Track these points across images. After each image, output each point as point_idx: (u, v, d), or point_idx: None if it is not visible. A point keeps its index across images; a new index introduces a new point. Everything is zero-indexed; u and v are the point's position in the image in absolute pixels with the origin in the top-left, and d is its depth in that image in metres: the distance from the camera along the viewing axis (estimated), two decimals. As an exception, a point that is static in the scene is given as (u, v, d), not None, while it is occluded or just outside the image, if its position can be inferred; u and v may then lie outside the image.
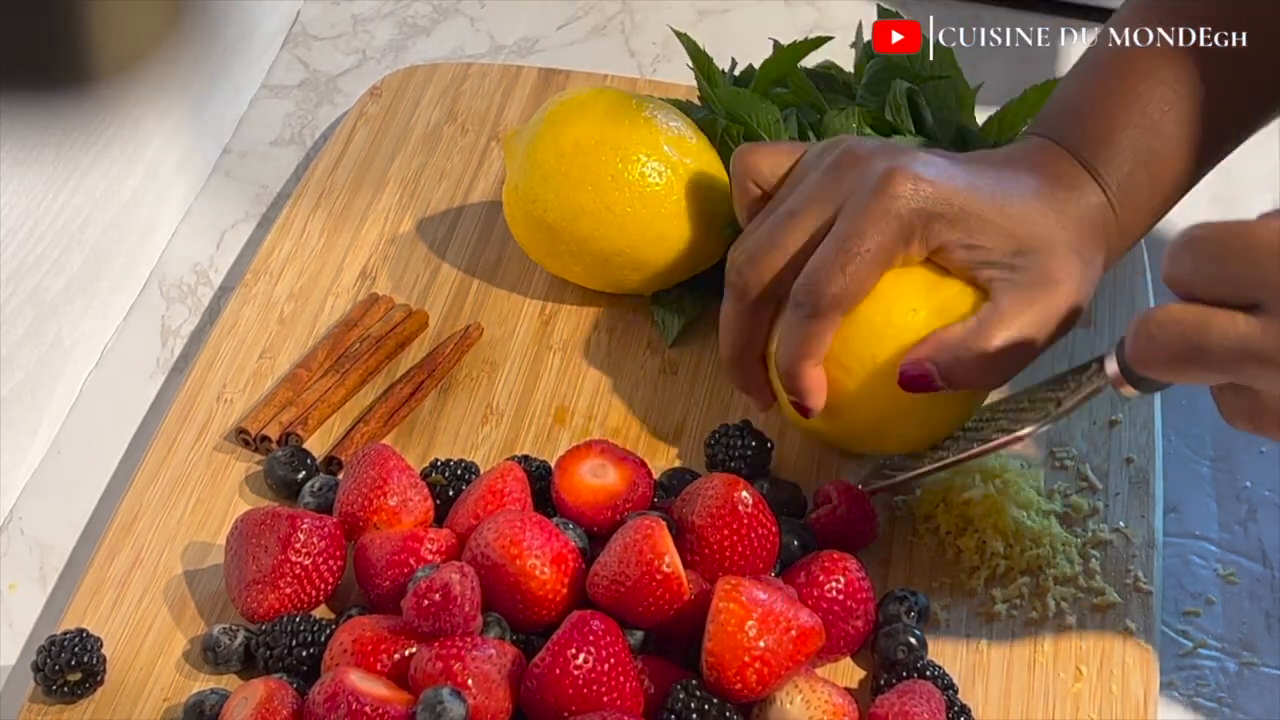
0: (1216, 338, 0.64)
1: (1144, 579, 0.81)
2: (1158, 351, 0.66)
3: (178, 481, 0.85)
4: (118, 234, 0.95)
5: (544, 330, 0.94)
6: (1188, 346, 0.65)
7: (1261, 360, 0.64)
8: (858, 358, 0.80)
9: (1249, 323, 0.64)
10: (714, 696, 0.72)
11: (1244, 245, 0.64)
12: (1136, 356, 0.67)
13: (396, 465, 0.81)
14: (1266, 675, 0.81)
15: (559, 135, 0.90)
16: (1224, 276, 0.64)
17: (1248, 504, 0.87)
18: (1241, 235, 0.64)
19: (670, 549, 0.74)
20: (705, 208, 0.91)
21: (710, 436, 0.86)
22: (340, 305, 0.94)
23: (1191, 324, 0.65)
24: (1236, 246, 0.64)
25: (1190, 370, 0.66)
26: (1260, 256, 0.63)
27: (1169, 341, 0.66)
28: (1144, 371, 0.68)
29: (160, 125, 0.99)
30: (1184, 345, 0.65)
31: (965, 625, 0.80)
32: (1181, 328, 0.65)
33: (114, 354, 0.95)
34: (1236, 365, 0.65)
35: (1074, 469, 0.86)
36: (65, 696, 0.76)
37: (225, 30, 1.07)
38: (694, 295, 0.93)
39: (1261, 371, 0.64)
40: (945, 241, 0.79)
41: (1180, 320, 0.65)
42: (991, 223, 0.79)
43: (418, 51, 1.15)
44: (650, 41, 1.15)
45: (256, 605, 0.78)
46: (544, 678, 0.71)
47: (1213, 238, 0.65)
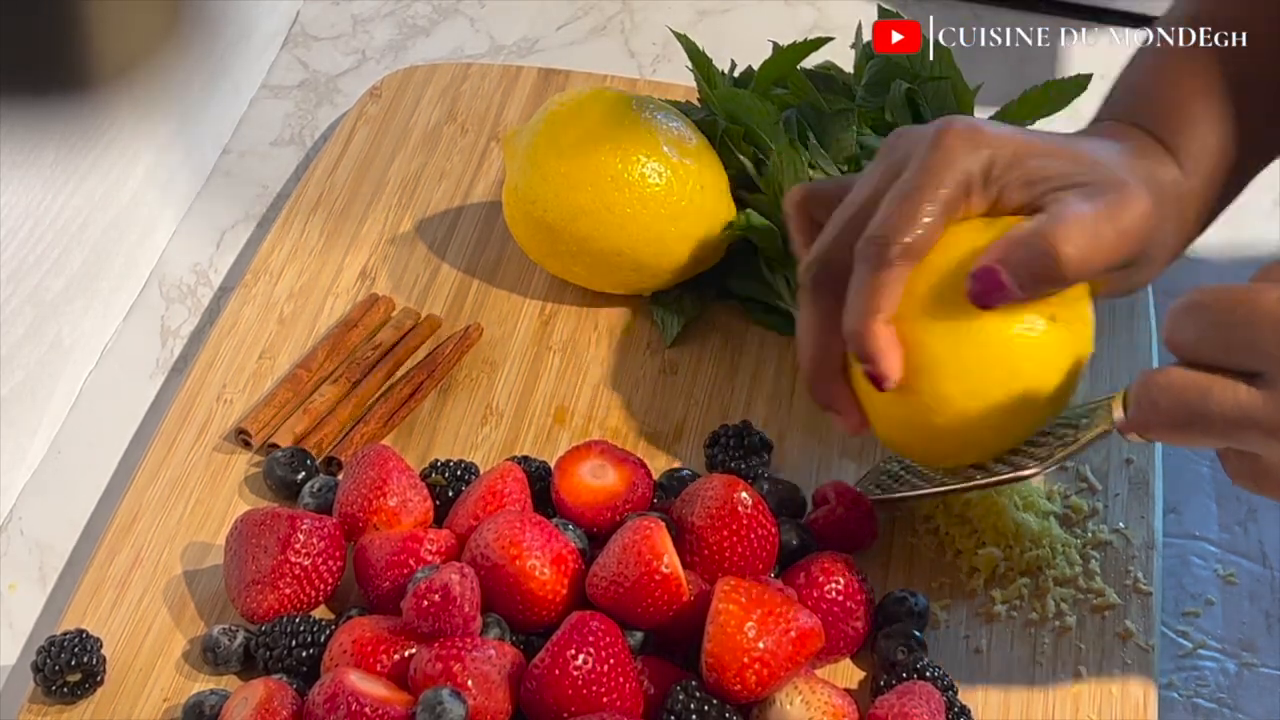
0: (1217, 407, 0.64)
1: (1144, 580, 0.81)
2: (1160, 416, 0.66)
3: (177, 481, 0.85)
4: (118, 234, 0.95)
5: (544, 330, 0.94)
6: (1189, 414, 0.65)
7: (1262, 430, 0.64)
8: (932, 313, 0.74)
9: (1250, 393, 0.63)
10: (713, 697, 0.72)
11: (1246, 314, 0.64)
12: (1139, 421, 0.67)
13: (396, 466, 0.81)
14: (1266, 675, 0.81)
15: (559, 135, 0.90)
16: (1226, 344, 0.64)
17: (1248, 504, 0.87)
18: (1244, 304, 0.64)
19: (669, 549, 0.74)
20: (705, 208, 0.91)
21: (710, 437, 0.86)
22: (340, 305, 0.94)
23: (1193, 392, 0.65)
24: (1240, 315, 0.64)
25: (1191, 436, 0.66)
26: (1262, 326, 0.63)
27: (1171, 408, 0.65)
28: (1145, 436, 0.68)
29: (160, 126, 0.99)
30: (1186, 412, 0.65)
31: (965, 625, 0.80)
32: (1184, 395, 0.65)
33: (114, 354, 0.95)
34: (1237, 433, 0.64)
35: (1074, 470, 0.86)
36: (65, 697, 0.76)
37: (225, 30, 1.07)
38: (694, 295, 0.93)
39: (1262, 441, 0.64)
40: (1006, 182, 0.75)
41: (1182, 388, 0.65)
42: (1051, 158, 0.75)
43: (418, 51, 1.15)
44: (650, 42, 1.15)
45: (256, 606, 0.78)
46: (544, 678, 0.71)
47: (1214, 304, 0.64)
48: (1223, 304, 0.64)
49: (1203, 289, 0.65)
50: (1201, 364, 0.65)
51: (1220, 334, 0.64)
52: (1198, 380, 0.65)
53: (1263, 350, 0.63)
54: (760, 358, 0.92)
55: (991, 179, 0.75)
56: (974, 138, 0.75)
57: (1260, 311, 0.63)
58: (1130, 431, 0.70)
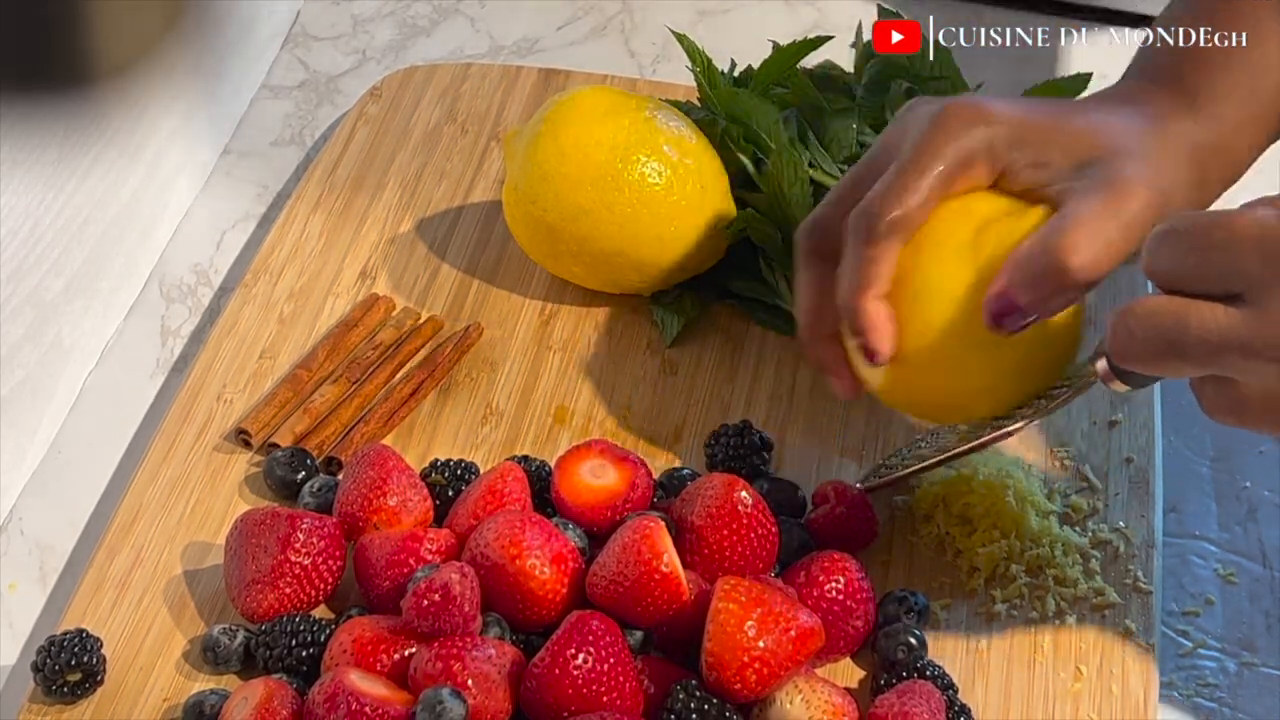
0: (1196, 330, 0.64)
1: (1144, 579, 0.81)
2: (1138, 345, 0.66)
3: (177, 481, 0.85)
4: (118, 234, 0.95)
5: (544, 330, 0.94)
6: (1168, 339, 0.64)
7: (1243, 351, 0.63)
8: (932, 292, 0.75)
9: (1229, 314, 0.63)
10: (714, 696, 0.72)
11: (1223, 236, 0.63)
12: (1117, 350, 0.67)
13: (396, 465, 0.81)
14: (1266, 675, 0.81)
15: (559, 135, 0.90)
16: (1204, 268, 0.64)
17: (1248, 504, 0.87)
18: (1221, 226, 0.64)
19: (669, 549, 0.74)
20: (705, 208, 0.91)
21: (710, 436, 0.86)
22: (340, 305, 0.94)
23: (1171, 316, 0.64)
24: (1216, 238, 0.64)
25: (1171, 363, 0.65)
26: (1240, 247, 0.63)
27: (1149, 335, 0.65)
28: (1125, 365, 0.68)
29: (160, 125, 0.99)
30: (1164, 338, 0.65)
31: (965, 625, 0.80)
32: (1161, 320, 0.64)
33: (114, 354, 0.95)
34: (1217, 357, 0.64)
35: (1074, 469, 0.86)
36: (65, 696, 0.76)
37: (225, 30, 1.07)
38: (694, 295, 0.93)
39: (1243, 363, 0.64)
40: (1008, 163, 0.75)
41: (1159, 313, 0.65)
42: (1054, 138, 0.75)
43: (418, 52, 1.15)
44: (650, 41, 1.15)
45: (256, 605, 0.78)
46: (544, 678, 0.71)
47: (1191, 229, 0.64)
48: (1199, 228, 0.64)
49: (1178, 215, 0.65)
50: (1180, 290, 0.64)
51: (1197, 258, 0.64)
52: (1174, 305, 0.64)
53: (1240, 270, 0.63)
54: (760, 358, 0.92)
55: (994, 155, 0.75)
56: (976, 114, 0.75)
57: (1236, 232, 0.63)
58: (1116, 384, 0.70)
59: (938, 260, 0.75)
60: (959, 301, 0.74)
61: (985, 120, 0.75)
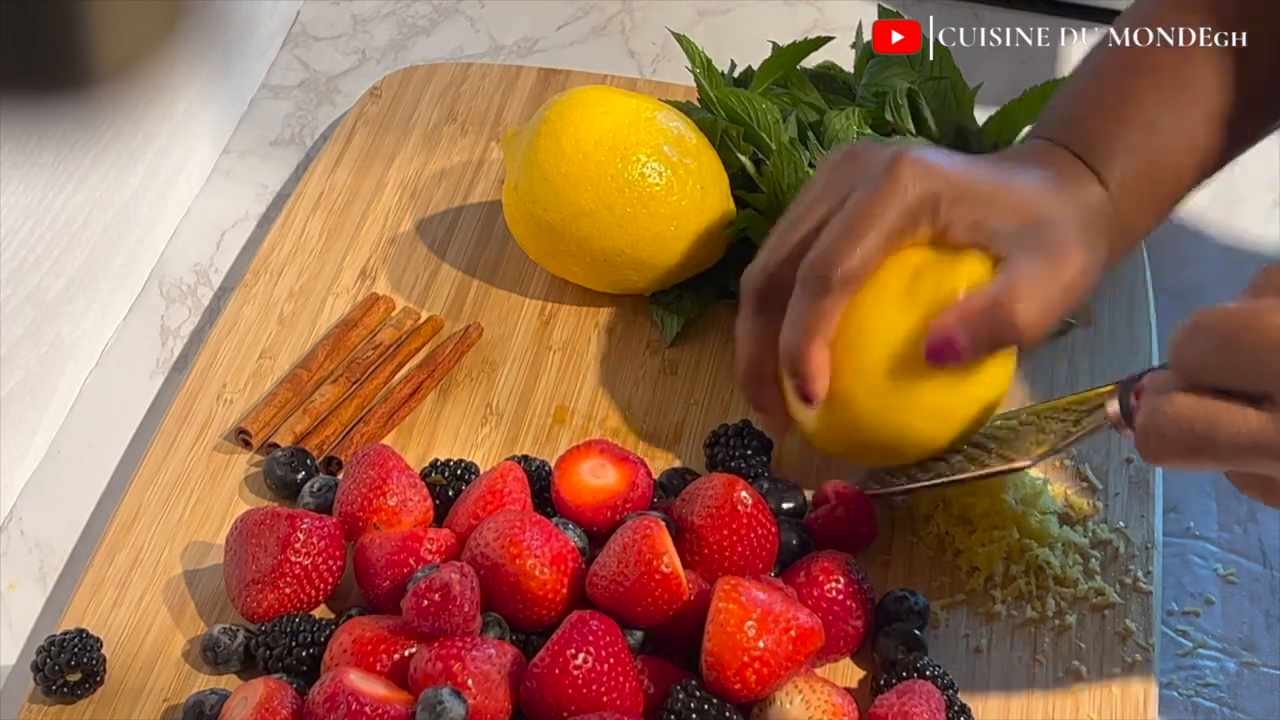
0: (1226, 434, 0.63)
1: (1144, 579, 0.81)
2: (1169, 446, 0.65)
3: (177, 481, 0.85)
4: (118, 234, 0.95)
5: (544, 330, 0.94)
6: (1198, 443, 0.64)
7: (1273, 455, 0.63)
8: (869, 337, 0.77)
9: (1260, 418, 0.63)
10: (714, 697, 0.72)
11: (1252, 337, 0.63)
12: (1147, 450, 0.66)
13: (396, 465, 0.81)
14: (1266, 675, 0.81)
15: (559, 135, 0.90)
16: (1232, 366, 0.63)
17: (1248, 504, 0.87)
18: (1249, 326, 0.63)
19: (669, 549, 0.74)
20: (705, 208, 0.91)
21: (710, 436, 0.86)
22: (340, 305, 0.94)
23: (1201, 421, 0.64)
24: (1245, 338, 0.63)
25: (1200, 463, 0.65)
26: (1269, 349, 0.62)
27: (1179, 438, 0.65)
28: (1154, 464, 0.68)
29: (160, 125, 0.99)
30: (1194, 442, 0.64)
31: (965, 625, 0.80)
32: (1191, 424, 0.64)
33: (114, 354, 0.95)
34: (1247, 459, 0.64)
35: (1074, 469, 0.86)
36: (65, 696, 0.76)
37: (225, 30, 1.07)
38: (694, 295, 0.93)
39: (1272, 464, 0.63)
40: (951, 219, 0.77)
41: (1190, 418, 0.64)
42: (997, 201, 0.78)
43: (418, 51, 1.15)
44: (650, 41, 1.15)
45: (256, 605, 0.78)
46: (544, 678, 0.71)
47: (1220, 326, 0.64)
48: (1227, 326, 0.64)
49: (1206, 310, 0.64)
50: (1207, 386, 0.64)
51: (1225, 357, 0.63)
52: (1205, 408, 0.64)
53: (1269, 372, 0.62)
54: (760, 357, 0.92)
55: (940, 214, 0.77)
56: (923, 172, 0.77)
57: (1266, 333, 0.62)
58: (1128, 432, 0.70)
59: (875, 308, 0.77)
60: (894, 346, 0.77)
61: (931, 178, 0.77)
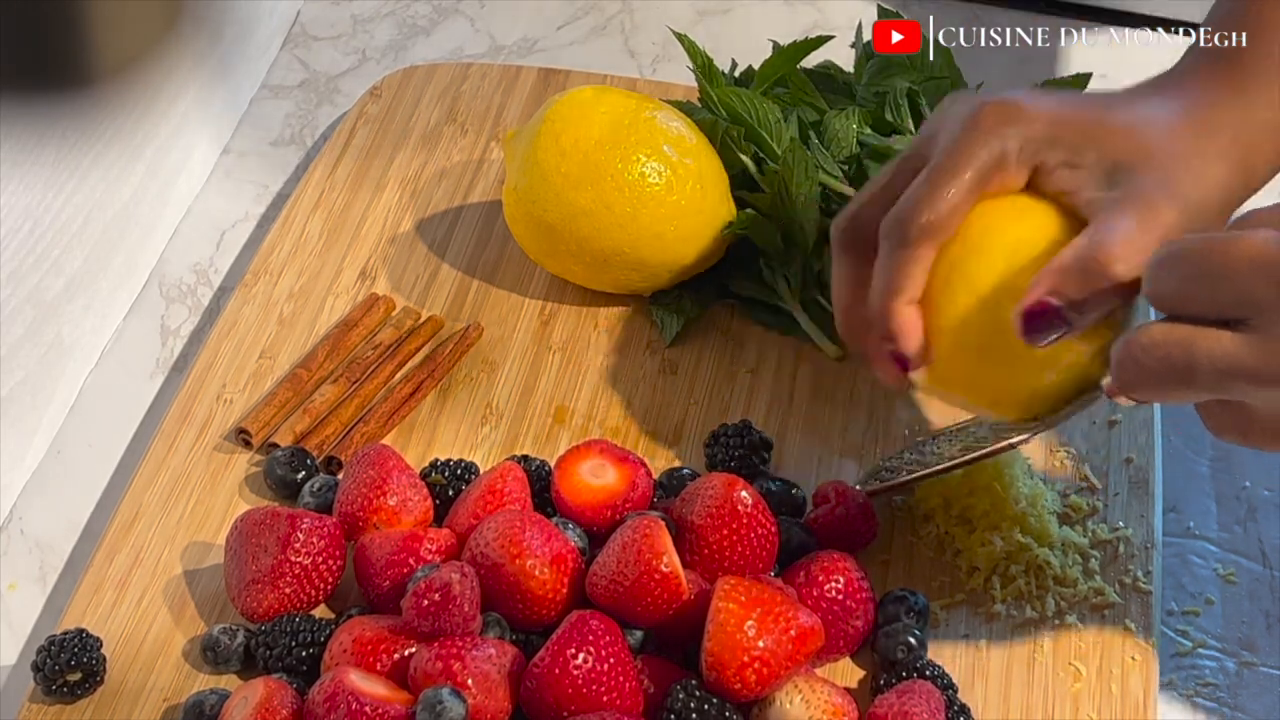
0: (1203, 359, 0.63)
1: (1144, 579, 0.81)
2: (1145, 375, 0.65)
3: (178, 481, 0.85)
4: (118, 234, 0.95)
5: (544, 330, 0.94)
6: (1175, 369, 0.64)
7: (1250, 378, 0.63)
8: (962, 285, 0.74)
9: (1235, 340, 0.63)
10: (714, 696, 0.72)
11: (1224, 262, 0.63)
12: (1124, 379, 0.66)
13: (396, 465, 0.81)
14: (1266, 675, 0.81)
15: (559, 135, 0.90)
16: (1207, 294, 0.63)
17: (1247, 504, 0.87)
18: (1221, 252, 0.63)
19: (669, 548, 0.74)
20: (705, 208, 0.91)
21: (710, 436, 0.86)
22: (340, 305, 0.95)
23: (1177, 346, 0.64)
24: (1217, 263, 0.63)
25: (1179, 391, 0.65)
26: (1242, 273, 0.62)
27: (1155, 365, 0.64)
28: (1131, 395, 0.67)
29: (160, 125, 0.99)
30: (1171, 367, 0.64)
31: (965, 625, 0.80)
32: (1167, 350, 0.64)
33: (114, 354, 0.95)
34: (1225, 384, 0.64)
35: (1074, 469, 0.86)
36: (65, 696, 0.76)
37: (225, 30, 1.07)
38: (694, 295, 0.93)
39: (1250, 388, 0.63)
40: (1041, 162, 0.74)
41: (1165, 343, 0.64)
42: (1089, 139, 0.74)
43: (418, 51, 1.15)
44: (650, 41, 1.15)
45: (256, 605, 0.78)
46: (544, 678, 0.71)
47: (1192, 254, 0.64)
48: (1201, 254, 0.63)
49: (1178, 240, 0.65)
50: (1184, 316, 0.64)
51: (1201, 284, 0.63)
52: (1180, 334, 0.64)
53: (1245, 296, 0.62)
54: (760, 358, 0.92)
55: (1027, 156, 0.74)
56: (1009, 114, 0.74)
57: (1239, 258, 0.62)
58: (1121, 398, 0.69)
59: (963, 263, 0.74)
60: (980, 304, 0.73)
61: (1018, 120, 0.74)
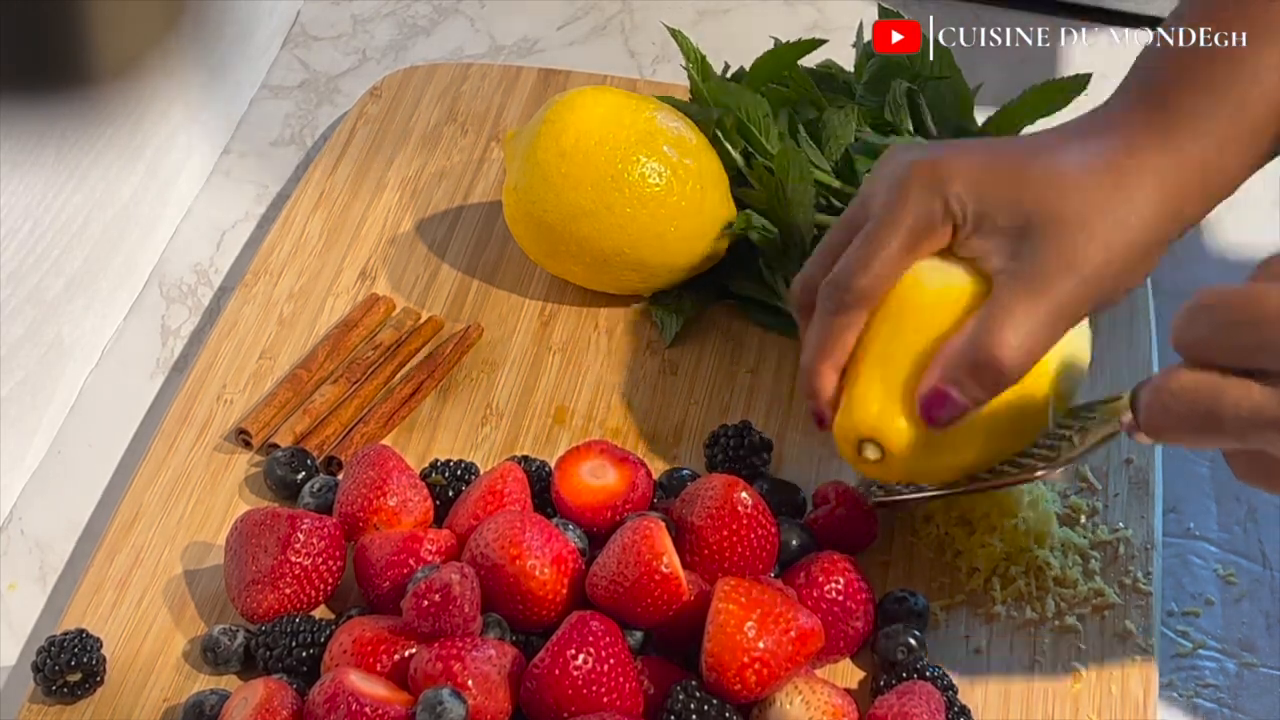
0: (1231, 408, 0.63)
1: (1143, 579, 0.81)
2: (1173, 421, 0.65)
3: (178, 482, 0.85)
4: (118, 234, 0.95)
5: (544, 330, 0.94)
6: (1203, 417, 0.64)
7: (1276, 427, 0.63)
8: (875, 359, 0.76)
9: (1263, 392, 0.63)
10: (714, 697, 0.72)
11: (1255, 314, 0.63)
12: (1151, 426, 0.66)
13: (396, 466, 0.81)
14: (1266, 675, 0.81)
15: (559, 135, 0.90)
16: (1236, 344, 0.63)
17: (1247, 504, 0.87)
18: (1252, 303, 0.63)
19: (669, 549, 0.74)
20: (705, 208, 0.91)
21: (710, 437, 0.86)
22: (340, 305, 0.95)
23: (1206, 395, 0.64)
24: (1248, 314, 0.63)
25: (1206, 439, 0.65)
26: (1271, 325, 0.62)
27: (1184, 413, 0.65)
28: (1158, 440, 0.68)
29: (160, 125, 0.99)
30: (1199, 416, 0.64)
31: (965, 625, 0.80)
32: (1196, 398, 0.64)
33: (114, 354, 0.95)
34: (1253, 434, 0.64)
35: (1074, 470, 0.86)
36: (65, 697, 0.76)
37: (225, 30, 1.07)
38: (694, 295, 0.93)
39: (1276, 439, 0.63)
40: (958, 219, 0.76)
41: (1194, 391, 0.64)
42: (1004, 194, 0.75)
43: (418, 51, 1.15)
44: (650, 41, 1.15)
45: (256, 605, 0.78)
46: (544, 678, 0.71)
47: (1222, 305, 0.64)
48: (1230, 304, 0.64)
49: (1209, 290, 0.65)
50: (1211, 365, 0.64)
51: (1229, 334, 0.63)
52: (1210, 383, 0.64)
53: (1273, 349, 0.62)
54: (760, 358, 0.92)
55: (950, 216, 0.76)
56: (934, 173, 0.76)
57: (1269, 310, 0.63)
58: (1141, 436, 0.70)
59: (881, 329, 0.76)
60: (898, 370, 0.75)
61: (942, 179, 0.76)
